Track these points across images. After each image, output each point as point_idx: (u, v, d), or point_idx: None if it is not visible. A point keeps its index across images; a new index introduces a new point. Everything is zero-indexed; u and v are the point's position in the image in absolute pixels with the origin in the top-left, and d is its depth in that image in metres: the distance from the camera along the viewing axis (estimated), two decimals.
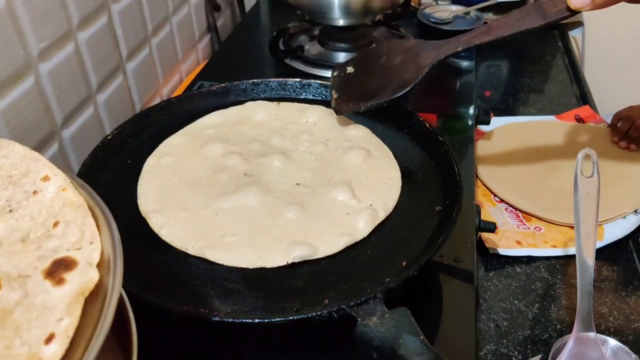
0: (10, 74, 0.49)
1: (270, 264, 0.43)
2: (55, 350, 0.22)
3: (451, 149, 0.52)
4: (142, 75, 0.73)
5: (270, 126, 0.58)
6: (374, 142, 0.56)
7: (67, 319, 0.23)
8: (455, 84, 0.79)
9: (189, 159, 0.52)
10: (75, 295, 0.24)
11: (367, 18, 0.79)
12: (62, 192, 0.29)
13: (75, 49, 0.58)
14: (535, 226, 0.64)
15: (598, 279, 0.58)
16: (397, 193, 0.50)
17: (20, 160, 0.31)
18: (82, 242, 0.26)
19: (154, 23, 0.74)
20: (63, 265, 0.25)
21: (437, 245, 0.43)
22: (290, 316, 0.37)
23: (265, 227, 0.45)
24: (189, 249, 0.43)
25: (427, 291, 0.47)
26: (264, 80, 0.64)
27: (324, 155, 0.54)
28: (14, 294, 0.24)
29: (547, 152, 0.73)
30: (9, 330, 0.23)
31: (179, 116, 0.59)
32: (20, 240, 0.27)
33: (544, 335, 0.52)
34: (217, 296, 0.40)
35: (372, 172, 0.52)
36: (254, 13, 1.01)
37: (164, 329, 0.39)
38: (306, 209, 0.46)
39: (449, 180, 0.50)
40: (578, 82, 0.93)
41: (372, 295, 0.37)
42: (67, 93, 0.57)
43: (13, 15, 0.49)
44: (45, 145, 0.55)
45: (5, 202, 0.29)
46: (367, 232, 0.46)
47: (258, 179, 0.50)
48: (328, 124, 0.58)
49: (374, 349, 0.34)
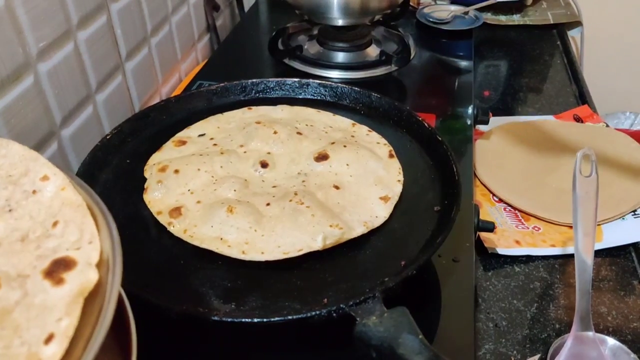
0: (9, 73, 0.49)
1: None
2: (54, 351, 0.22)
3: (450, 148, 0.52)
4: (141, 75, 0.72)
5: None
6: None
7: (67, 319, 0.23)
8: (454, 84, 0.79)
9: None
10: (75, 295, 0.24)
11: (366, 18, 0.79)
12: (61, 191, 0.29)
13: (74, 48, 0.58)
14: (534, 226, 0.64)
15: (597, 278, 0.58)
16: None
17: (20, 160, 0.30)
18: (81, 242, 0.26)
19: (153, 23, 0.74)
20: (62, 265, 0.25)
21: (435, 245, 0.43)
22: (289, 316, 0.37)
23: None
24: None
25: (426, 291, 0.47)
26: (263, 80, 0.64)
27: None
28: (13, 293, 0.24)
29: (545, 151, 0.74)
30: (8, 329, 0.23)
31: (178, 115, 0.60)
32: (20, 239, 0.27)
33: (543, 334, 0.52)
34: (217, 295, 0.40)
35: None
36: (253, 13, 1.01)
37: (164, 328, 0.39)
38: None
39: (448, 180, 0.50)
40: (577, 81, 0.93)
41: (371, 295, 0.37)
42: (66, 92, 0.57)
43: (12, 14, 0.49)
44: (44, 145, 0.55)
45: (5, 201, 0.29)
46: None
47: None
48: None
49: (373, 348, 0.34)
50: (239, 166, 0.51)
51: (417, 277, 0.40)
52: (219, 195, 0.48)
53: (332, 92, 0.63)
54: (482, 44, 1.02)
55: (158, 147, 0.54)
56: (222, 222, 0.45)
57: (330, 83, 0.64)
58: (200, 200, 0.47)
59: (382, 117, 0.60)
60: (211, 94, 0.62)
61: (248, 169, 0.51)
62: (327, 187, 0.49)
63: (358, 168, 0.51)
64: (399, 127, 0.59)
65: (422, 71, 0.82)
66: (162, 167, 0.50)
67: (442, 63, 0.86)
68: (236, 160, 0.52)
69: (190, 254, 0.44)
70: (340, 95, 0.63)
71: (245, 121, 0.58)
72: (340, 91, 0.63)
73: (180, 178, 0.49)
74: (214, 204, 0.46)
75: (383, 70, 0.78)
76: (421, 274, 0.44)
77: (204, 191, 0.48)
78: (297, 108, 0.61)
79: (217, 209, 0.46)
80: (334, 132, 0.57)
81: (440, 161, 0.53)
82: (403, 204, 0.50)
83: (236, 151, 0.53)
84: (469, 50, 0.86)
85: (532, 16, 1.08)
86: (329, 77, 0.76)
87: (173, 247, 0.44)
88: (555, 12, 1.09)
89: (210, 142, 0.55)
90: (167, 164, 0.50)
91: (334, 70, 0.77)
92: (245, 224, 0.44)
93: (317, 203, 0.46)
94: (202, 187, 0.49)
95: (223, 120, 0.59)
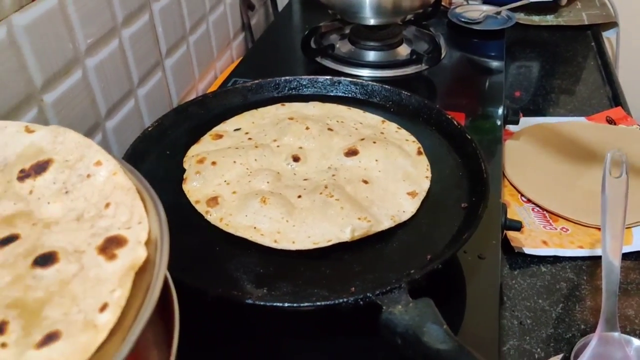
0: (60, 67, 0.52)
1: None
2: (108, 318, 0.24)
3: (479, 146, 0.53)
4: (179, 71, 0.75)
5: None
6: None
7: (119, 290, 0.25)
8: (484, 84, 0.79)
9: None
10: (126, 269, 0.26)
11: (398, 17, 0.80)
12: (113, 176, 0.31)
13: (119, 45, 0.61)
14: (562, 227, 0.64)
15: (625, 281, 0.57)
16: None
17: (75, 147, 0.33)
18: (131, 222, 0.28)
19: (191, 21, 0.77)
20: (114, 243, 0.27)
21: (462, 241, 0.43)
22: (318, 302, 0.39)
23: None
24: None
25: (451, 286, 0.48)
26: (296, 78, 0.66)
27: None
28: (71, 267, 0.27)
29: (576, 153, 0.73)
30: (67, 298, 0.25)
31: (215, 110, 0.62)
32: (76, 219, 0.30)
33: (567, 334, 0.52)
34: (250, 281, 0.42)
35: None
36: (287, 12, 1.03)
37: (200, 311, 0.42)
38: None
39: (476, 177, 0.51)
40: (611, 84, 0.92)
41: (397, 285, 0.38)
42: (111, 86, 0.60)
43: (64, 12, 0.52)
44: (90, 136, 0.58)
45: (62, 184, 0.31)
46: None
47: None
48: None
49: (398, 336, 0.36)
50: (272, 159, 0.53)
51: (443, 272, 0.41)
52: (253, 186, 0.50)
53: (363, 90, 0.65)
54: (515, 44, 1.01)
55: (196, 140, 0.57)
56: (255, 212, 0.47)
57: (361, 81, 0.65)
58: (236, 191, 0.49)
59: (412, 115, 0.61)
60: (246, 90, 0.65)
61: (281, 163, 0.53)
62: (356, 182, 0.50)
63: (387, 164, 0.53)
64: (428, 125, 0.60)
65: (453, 71, 0.82)
66: (200, 159, 0.52)
67: (473, 63, 0.86)
68: (270, 154, 0.54)
69: (226, 241, 0.46)
70: (371, 93, 0.64)
71: (278, 117, 0.60)
72: (371, 89, 0.64)
73: (217, 169, 0.51)
74: (248, 195, 0.49)
75: (413, 69, 0.79)
76: (447, 269, 0.45)
77: (239, 182, 0.50)
78: (328, 105, 0.62)
79: (252, 199, 0.48)
80: (364, 128, 0.58)
81: (468, 159, 0.53)
82: (430, 200, 0.51)
83: (270, 145, 0.55)
84: (500, 51, 0.86)
85: (566, 17, 1.07)
86: (360, 75, 0.77)
87: (209, 234, 0.47)
88: (590, 12, 1.08)
89: (245, 136, 0.57)
90: (205, 156, 0.53)
91: (364, 68, 0.79)
92: (277, 215, 0.46)
93: (346, 196, 0.48)
94: (237, 178, 0.51)
95: (257, 115, 0.61)
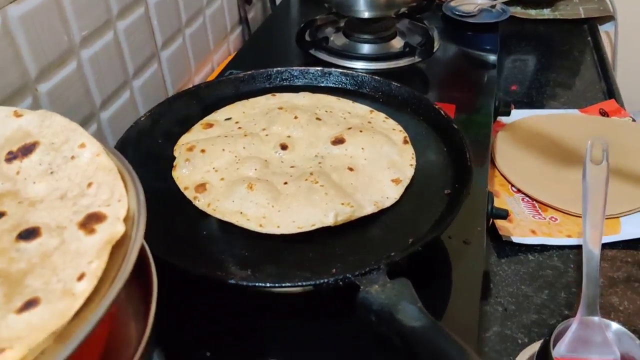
0: (55, 58, 0.54)
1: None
2: (85, 287, 0.25)
3: (465, 136, 0.53)
4: (175, 64, 0.77)
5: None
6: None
7: (96, 261, 0.26)
8: (477, 77, 0.80)
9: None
10: (104, 242, 0.27)
11: (392, 10, 0.81)
12: (96, 157, 0.32)
13: (114, 37, 0.62)
14: (551, 216, 0.65)
15: (611, 269, 0.58)
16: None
17: (61, 130, 0.34)
18: (111, 200, 0.30)
19: (188, 14, 0.78)
20: (94, 219, 0.29)
21: (444, 225, 0.45)
22: (299, 282, 0.40)
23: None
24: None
25: (437, 270, 0.49)
26: (288, 69, 0.67)
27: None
28: (52, 241, 0.28)
29: (567, 144, 0.74)
30: (48, 269, 0.26)
31: (208, 100, 0.63)
32: (59, 197, 0.31)
33: (551, 320, 0.53)
34: (234, 263, 0.43)
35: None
36: (284, 6, 1.04)
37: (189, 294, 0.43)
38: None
39: (461, 166, 0.51)
40: (606, 78, 0.92)
41: (376, 267, 0.39)
42: (105, 78, 0.62)
43: (59, 4, 0.53)
44: (84, 126, 0.60)
45: (48, 165, 0.33)
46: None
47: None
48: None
49: (373, 314, 0.37)
50: (261, 148, 0.55)
51: (430, 257, 0.42)
52: (241, 173, 0.51)
53: (353, 81, 0.66)
54: (511, 37, 1.02)
55: (188, 129, 0.58)
56: (242, 197, 0.48)
57: (352, 72, 0.66)
58: (224, 178, 0.51)
59: (401, 105, 0.62)
60: (238, 81, 0.66)
61: (269, 151, 0.54)
62: (342, 169, 0.51)
63: (373, 152, 0.54)
64: (416, 115, 0.60)
65: (446, 63, 0.83)
66: (190, 147, 0.54)
67: (467, 56, 0.87)
68: (258, 142, 0.55)
69: (213, 226, 0.47)
70: (361, 83, 0.65)
71: (268, 107, 0.61)
72: (361, 80, 0.65)
73: (206, 157, 0.53)
74: (236, 181, 0.50)
75: (406, 61, 0.79)
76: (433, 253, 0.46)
77: (227, 169, 0.52)
78: (318, 95, 0.63)
79: (239, 185, 0.49)
80: (352, 118, 0.59)
81: (454, 148, 0.54)
82: (415, 187, 0.52)
83: (259, 134, 0.56)
84: (494, 44, 0.87)
85: (562, 10, 1.07)
86: (353, 67, 0.78)
87: (197, 219, 0.48)
88: (587, 6, 1.08)
89: (235, 125, 0.58)
90: (194, 144, 0.54)
91: (358, 61, 0.80)
92: (263, 200, 0.48)
93: (331, 183, 0.49)
94: (225, 165, 0.52)
95: (248, 105, 0.62)
